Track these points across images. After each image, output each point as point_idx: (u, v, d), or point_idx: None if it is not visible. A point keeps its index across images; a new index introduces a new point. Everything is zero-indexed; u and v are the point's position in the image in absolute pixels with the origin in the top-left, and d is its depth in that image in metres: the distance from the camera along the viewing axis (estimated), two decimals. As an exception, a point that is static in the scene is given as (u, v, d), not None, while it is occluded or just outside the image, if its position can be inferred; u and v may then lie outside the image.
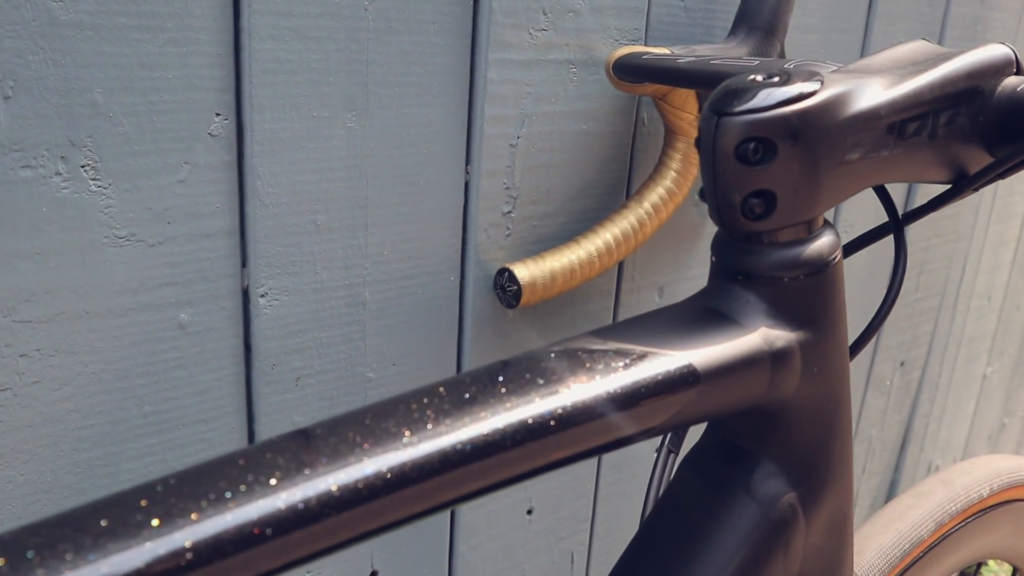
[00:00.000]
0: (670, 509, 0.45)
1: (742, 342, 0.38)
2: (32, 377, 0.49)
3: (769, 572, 0.42)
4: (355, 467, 0.29)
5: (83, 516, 0.26)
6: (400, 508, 0.30)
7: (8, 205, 0.45)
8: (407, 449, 0.31)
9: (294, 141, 0.53)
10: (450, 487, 0.32)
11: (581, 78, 0.65)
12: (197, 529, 0.26)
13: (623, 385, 0.34)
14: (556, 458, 0.34)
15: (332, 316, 0.59)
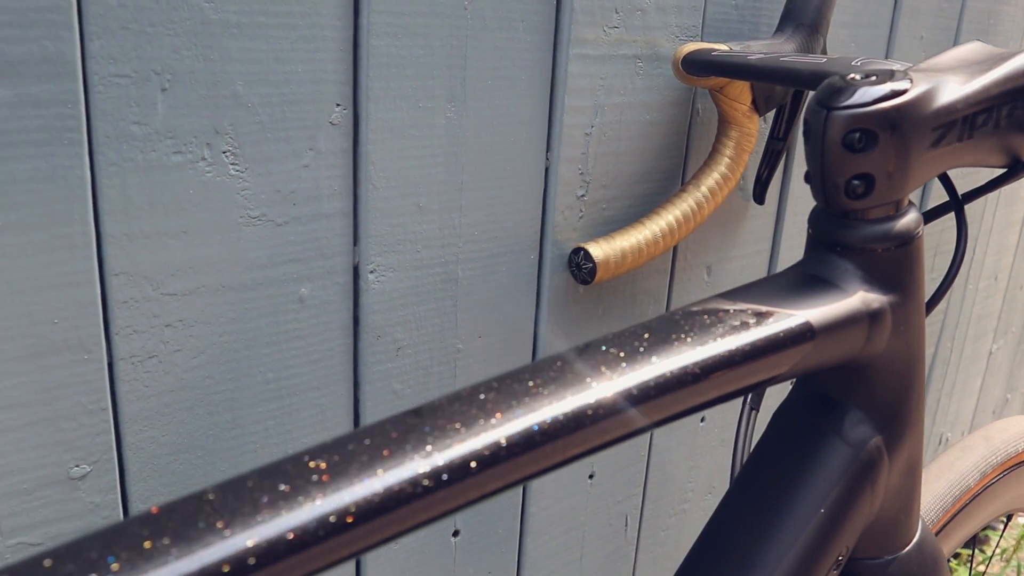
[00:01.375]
0: (766, 456, 0.49)
1: (845, 304, 0.42)
2: (175, 346, 0.52)
3: (859, 507, 0.47)
4: (496, 431, 0.32)
5: (261, 474, 0.29)
6: (551, 457, 0.34)
7: (161, 188, 0.49)
8: (588, 391, 0.35)
9: (402, 129, 0.57)
10: (609, 432, 0.36)
11: (646, 72, 0.69)
12: (360, 489, 0.29)
13: (755, 339, 0.39)
14: (700, 402, 0.38)
15: (429, 291, 0.62)
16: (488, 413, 0.33)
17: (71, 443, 0.50)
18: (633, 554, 0.90)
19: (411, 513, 0.30)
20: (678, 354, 0.37)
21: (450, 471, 0.31)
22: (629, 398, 0.36)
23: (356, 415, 0.62)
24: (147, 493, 0.54)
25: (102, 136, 0.46)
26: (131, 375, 0.51)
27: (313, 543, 0.28)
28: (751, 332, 0.39)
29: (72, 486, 0.51)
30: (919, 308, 0.47)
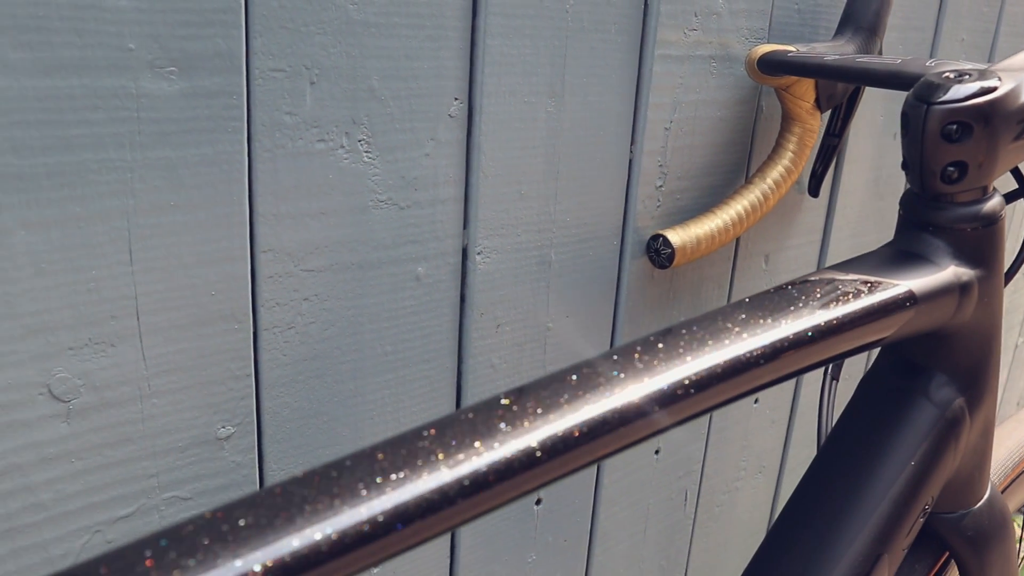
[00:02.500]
0: (855, 419, 0.53)
1: (940, 276, 0.47)
2: (311, 318, 0.56)
3: (943, 461, 0.51)
4: (603, 401, 0.35)
5: (397, 442, 0.31)
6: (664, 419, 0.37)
7: (305, 172, 0.53)
8: (714, 353, 0.39)
9: (509, 122, 0.61)
10: (722, 393, 0.39)
11: (719, 71, 0.73)
12: (483, 459, 0.31)
13: (867, 305, 0.43)
14: (819, 360, 0.42)
15: (525, 273, 0.67)
16: (626, 373, 0.36)
17: (219, 406, 0.54)
18: (690, 528, 0.94)
19: (522, 482, 0.32)
20: (799, 318, 0.41)
21: (555, 443, 0.33)
22: (761, 355, 0.40)
23: (459, 387, 0.66)
24: (279, 455, 0.58)
25: (259, 125, 0.51)
26: (272, 344, 0.55)
27: (446, 506, 0.30)
28: (863, 299, 0.43)
29: (218, 446, 0.55)
30: (1000, 282, 0.51)
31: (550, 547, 0.79)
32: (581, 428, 0.34)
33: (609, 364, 0.37)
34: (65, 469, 0.50)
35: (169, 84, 0.47)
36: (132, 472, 0.52)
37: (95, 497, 0.51)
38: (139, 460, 0.52)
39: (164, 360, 0.51)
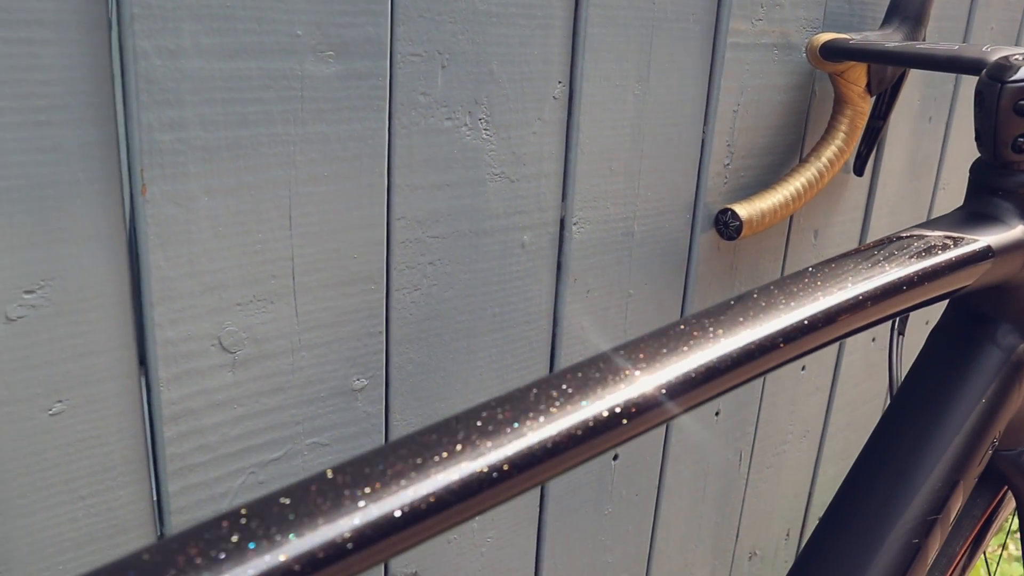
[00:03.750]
0: (926, 366, 0.58)
1: (1011, 234, 0.52)
2: (434, 280, 0.61)
3: (1008, 400, 0.56)
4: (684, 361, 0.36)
5: (511, 397, 0.32)
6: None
7: (434, 147, 0.58)
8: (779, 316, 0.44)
9: (602, 104, 0.66)
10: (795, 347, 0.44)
11: (780, 58, 0.78)
12: (560, 423, 0.32)
13: (952, 256, 0.48)
14: (909, 305, 0.47)
15: (611, 243, 0.72)
16: (696, 336, 0.38)
17: (355, 360, 0.59)
18: (743, 487, 0.99)
19: (604, 441, 0.33)
20: (899, 266, 0.47)
21: (642, 402, 0.34)
22: (868, 297, 0.45)
23: (553, 348, 0.72)
24: (402, 407, 0.63)
25: (399, 104, 0.56)
26: (401, 304, 0.60)
27: (549, 456, 0.31)
28: (950, 251, 0.48)
29: (352, 397, 0.60)
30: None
31: (624, 500, 0.84)
32: (672, 385, 0.36)
33: (714, 317, 0.40)
34: (229, 414, 0.55)
35: (327, 67, 0.52)
36: (282, 419, 0.57)
37: (251, 441, 0.56)
38: (288, 408, 0.57)
39: (312, 317, 0.56)
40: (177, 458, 0.54)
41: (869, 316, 0.45)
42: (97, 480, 0.51)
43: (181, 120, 0.47)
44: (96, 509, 0.52)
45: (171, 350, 0.51)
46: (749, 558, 1.06)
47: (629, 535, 0.87)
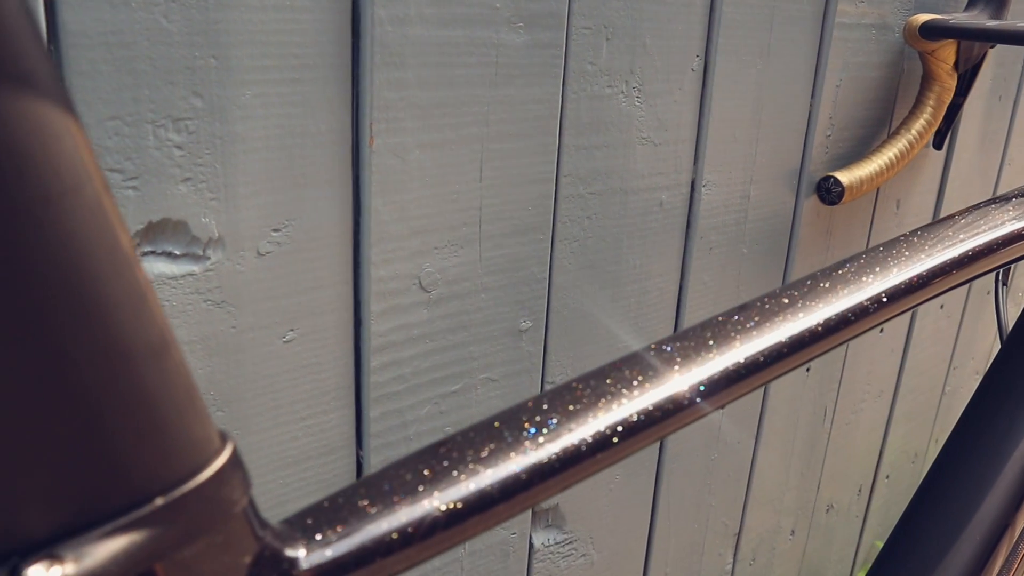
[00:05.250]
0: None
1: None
2: (589, 233, 0.66)
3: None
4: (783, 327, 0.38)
5: (637, 357, 0.33)
6: None
7: (597, 112, 0.63)
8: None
9: (731, 76, 0.71)
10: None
11: (877, 38, 0.83)
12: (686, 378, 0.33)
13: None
14: (1004, 262, 0.51)
15: (730, 205, 0.76)
16: (785, 307, 0.42)
17: (523, 303, 0.64)
18: (825, 442, 1.04)
19: (713, 402, 0.34)
20: (970, 239, 0.51)
21: (765, 357, 0.36)
22: (985, 247, 0.49)
23: (679, 301, 0.76)
24: (557, 348, 0.68)
25: (571, 72, 0.60)
26: (562, 253, 0.65)
27: (678, 410, 0.33)
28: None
29: (518, 337, 0.65)
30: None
31: (727, 447, 0.89)
32: (789, 343, 0.39)
33: (825, 275, 0.44)
34: (421, 348, 0.60)
35: (518, 36, 0.57)
36: (463, 355, 0.62)
37: (437, 373, 0.61)
38: (468, 345, 0.62)
39: (492, 262, 0.61)
40: (379, 386, 0.59)
41: (978, 268, 0.49)
42: (315, 403, 0.56)
43: (404, 80, 0.52)
44: (312, 430, 0.57)
45: (381, 287, 0.56)
46: (826, 510, 1.11)
47: (730, 480, 0.91)
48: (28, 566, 0.20)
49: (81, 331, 0.19)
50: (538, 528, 0.74)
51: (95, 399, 0.20)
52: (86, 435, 0.20)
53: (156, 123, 0.45)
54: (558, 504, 0.75)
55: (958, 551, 0.59)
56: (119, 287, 0.20)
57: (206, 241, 0.48)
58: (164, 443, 0.21)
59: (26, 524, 0.20)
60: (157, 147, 0.45)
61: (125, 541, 0.21)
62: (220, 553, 0.24)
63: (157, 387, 0.21)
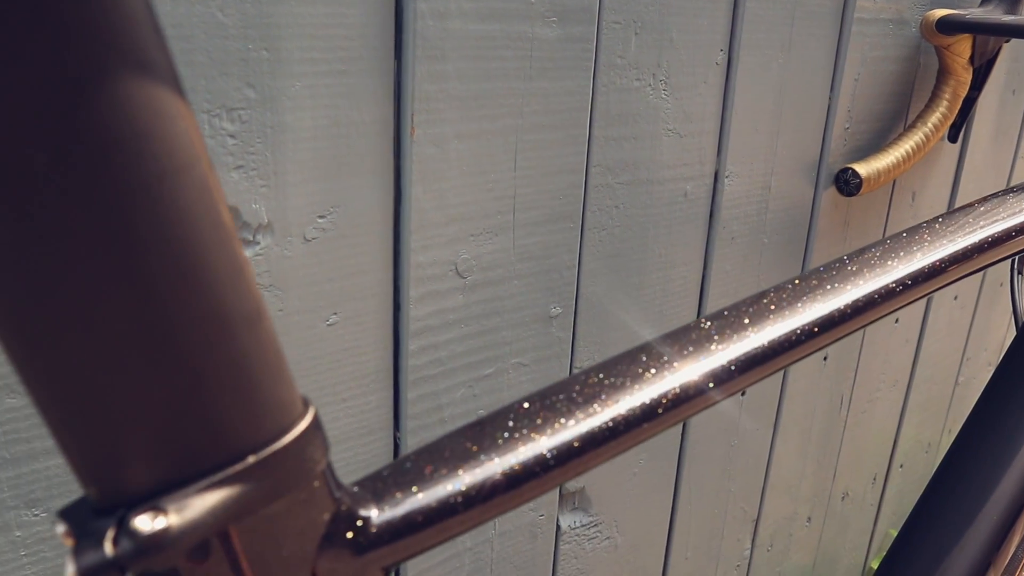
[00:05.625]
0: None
1: None
2: (617, 222, 0.68)
3: None
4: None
5: (679, 332, 0.35)
6: None
7: (625, 104, 0.65)
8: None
9: (753, 70, 0.73)
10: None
11: (894, 33, 0.85)
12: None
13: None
14: (1007, 255, 0.53)
15: (752, 195, 0.78)
16: (815, 288, 0.45)
17: (553, 290, 0.66)
18: (841, 431, 1.05)
19: (744, 379, 0.36)
20: (1004, 217, 0.53)
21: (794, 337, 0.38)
22: (1002, 235, 0.51)
23: (701, 291, 0.78)
24: (585, 334, 0.70)
25: (602, 65, 0.62)
26: (591, 242, 0.67)
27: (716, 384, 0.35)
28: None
29: (548, 323, 0.67)
30: None
31: (747, 433, 0.90)
32: (820, 322, 0.41)
33: (852, 259, 0.46)
34: (457, 333, 0.62)
35: (551, 30, 0.58)
36: (496, 340, 0.64)
37: (471, 358, 0.63)
38: (501, 330, 0.64)
39: (525, 249, 0.63)
40: (416, 369, 0.60)
41: (997, 254, 0.51)
42: (356, 385, 0.58)
43: (444, 73, 0.54)
44: (352, 411, 0.59)
45: (420, 273, 0.58)
46: (842, 498, 1.12)
47: (749, 467, 0.93)
48: (134, 517, 0.21)
49: (187, 299, 0.21)
50: (565, 511, 0.76)
51: (198, 363, 0.21)
52: (188, 396, 0.22)
53: (211, 112, 0.47)
54: (584, 487, 0.76)
55: (971, 538, 0.60)
56: (222, 260, 0.21)
57: (256, 227, 0.50)
58: (256, 405, 0.23)
59: (132, 479, 0.22)
60: (211, 136, 0.47)
61: (220, 495, 0.23)
62: (302, 510, 0.25)
63: (251, 353, 0.23)
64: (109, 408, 0.21)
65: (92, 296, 0.19)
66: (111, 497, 0.22)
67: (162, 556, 0.22)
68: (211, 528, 0.23)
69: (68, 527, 0.22)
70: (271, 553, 0.25)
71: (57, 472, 0.47)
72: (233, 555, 0.24)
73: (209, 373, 0.22)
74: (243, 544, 0.24)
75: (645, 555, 0.86)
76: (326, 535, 0.26)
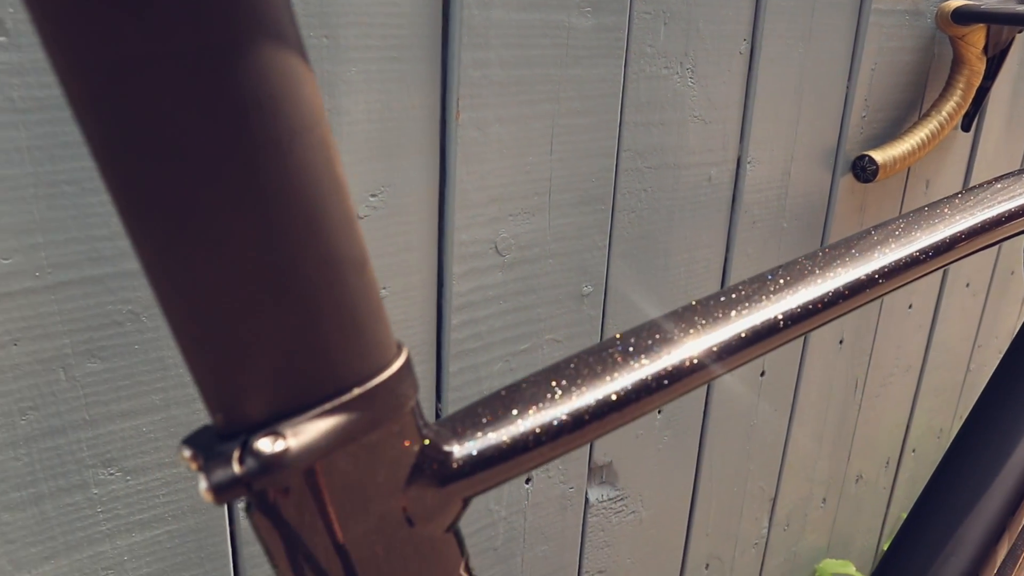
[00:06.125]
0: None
1: None
2: (645, 204, 0.71)
3: None
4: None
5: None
6: None
7: (654, 91, 0.68)
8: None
9: (775, 59, 0.76)
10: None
11: (910, 24, 0.88)
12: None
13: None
14: None
15: (772, 179, 0.81)
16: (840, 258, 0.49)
17: (585, 269, 0.69)
18: (856, 414, 1.09)
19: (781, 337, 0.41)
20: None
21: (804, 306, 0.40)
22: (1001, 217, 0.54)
23: (724, 273, 0.81)
24: (614, 312, 0.73)
25: (632, 53, 0.65)
26: (620, 224, 0.70)
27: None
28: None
29: (581, 301, 0.70)
30: None
31: (766, 414, 0.94)
32: (852, 286, 0.45)
33: (879, 230, 0.49)
34: (496, 308, 0.65)
35: (586, 20, 0.62)
36: (531, 316, 0.67)
37: (508, 333, 0.66)
38: (536, 307, 0.67)
39: (559, 230, 0.66)
40: (458, 343, 0.64)
41: (999, 234, 0.54)
42: (401, 357, 0.62)
43: (486, 60, 0.57)
44: (397, 382, 0.62)
45: (463, 250, 0.61)
46: (856, 481, 1.16)
47: (767, 447, 0.96)
48: (257, 440, 0.25)
49: (309, 243, 0.24)
50: (593, 484, 0.79)
51: (314, 302, 0.25)
52: (305, 332, 0.25)
53: (275, 96, 0.50)
54: (612, 462, 0.80)
55: (979, 517, 0.63)
56: (338, 210, 0.25)
57: (313, 204, 0.54)
58: (361, 343, 0.26)
59: (254, 407, 0.25)
60: (275, 118, 0.51)
61: (331, 422, 0.26)
62: (395, 441, 0.29)
63: (359, 295, 0.26)
64: (237, 342, 0.24)
65: (228, 238, 0.22)
66: (235, 423, 0.26)
67: (281, 475, 0.25)
68: (322, 451, 0.26)
69: (193, 452, 0.26)
70: (367, 480, 0.28)
71: (131, 434, 0.51)
72: (336, 479, 0.27)
73: (324, 311, 0.25)
74: (346, 469, 0.27)
75: (668, 530, 0.89)
76: (415, 466, 0.29)
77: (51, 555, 0.50)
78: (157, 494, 0.53)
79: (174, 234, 0.22)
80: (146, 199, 0.22)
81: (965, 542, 0.62)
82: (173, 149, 0.21)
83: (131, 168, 0.21)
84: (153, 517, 0.53)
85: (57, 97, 0.43)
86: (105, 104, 0.20)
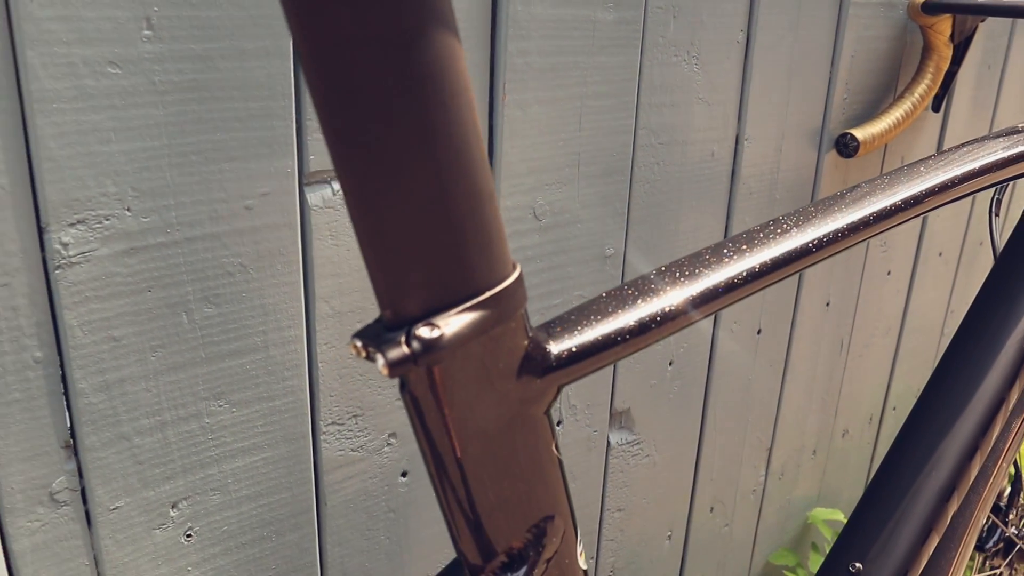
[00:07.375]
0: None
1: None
2: (658, 176, 0.81)
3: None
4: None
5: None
6: None
7: (666, 76, 0.78)
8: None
9: (768, 47, 0.87)
10: None
11: (885, 15, 0.99)
12: None
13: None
14: (989, 184, 0.67)
15: (767, 156, 0.92)
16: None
17: (608, 233, 0.79)
18: (842, 372, 1.20)
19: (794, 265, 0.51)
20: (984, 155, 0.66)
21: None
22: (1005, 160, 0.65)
23: (725, 237, 0.92)
24: (632, 272, 0.83)
25: (647, 43, 0.76)
26: (637, 193, 0.80)
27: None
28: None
29: (604, 261, 0.80)
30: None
31: (762, 369, 1.04)
32: (849, 226, 0.56)
33: (868, 184, 0.60)
34: (535, 267, 0.75)
35: (609, 14, 0.72)
36: (562, 274, 0.77)
37: (543, 289, 0.76)
38: (566, 266, 0.77)
39: (586, 198, 0.76)
40: (500, 298, 0.73)
41: (971, 186, 0.64)
42: (454, 309, 0.71)
43: (528, 49, 0.67)
44: (450, 332, 0.72)
45: (507, 215, 0.71)
46: (842, 435, 1.27)
47: (764, 400, 1.07)
48: (418, 328, 0.34)
49: (460, 180, 0.33)
50: (614, 429, 0.89)
51: (461, 224, 0.34)
52: (455, 247, 0.34)
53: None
54: (630, 408, 0.90)
55: (954, 440, 0.73)
56: (479, 154, 0.34)
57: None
58: (492, 256, 0.36)
59: (414, 304, 0.34)
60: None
61: (472, 316, 0.35)
62: (511, 336, 0.38)
63: (491, 218, 0.35)
64: (406, 254, 0.33)
65: (406, 174, 0.31)
66: (399, 317, 0.35)
67: (439, 355, 0.34)
68: (467, 338, 0.35)
69: (364, 341, 0.35)
70: (491, 365, 0.38)
71: (237, 372, 0.60)
72: (471, 363, 0.36)
73: (467, 232, 0.34)
74: (479, 355, 0.37)
75: (678, 474, 0.99)
76: (524, 357, 0.39)
77: (171, 475, 0.59)
78: (256, 424, 0.62)
79: (370, 169, 0.31)
80: (352, 141, 0.30)
81: (944, 459, 0.72)
82: (372, 104, 0.30)
83: (343, 118, 0.30)
84: (252, 445, 0.63)
85: (189, 80, 0.52)
86: (328, 71, 0.29)
